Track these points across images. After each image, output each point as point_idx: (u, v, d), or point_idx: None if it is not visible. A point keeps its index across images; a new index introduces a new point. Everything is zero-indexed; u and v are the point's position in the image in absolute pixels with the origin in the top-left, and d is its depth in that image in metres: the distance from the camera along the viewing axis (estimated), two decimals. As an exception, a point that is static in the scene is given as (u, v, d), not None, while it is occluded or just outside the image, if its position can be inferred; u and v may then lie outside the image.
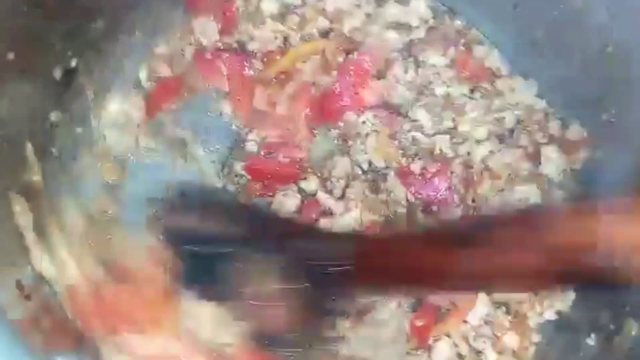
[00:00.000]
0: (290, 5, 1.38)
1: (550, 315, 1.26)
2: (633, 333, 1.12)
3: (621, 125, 1.24)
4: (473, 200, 1.31)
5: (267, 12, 1.37)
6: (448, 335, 1.24)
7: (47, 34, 1.16)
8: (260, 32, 1.37)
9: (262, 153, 1.34)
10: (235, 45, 1.38)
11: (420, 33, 1.38)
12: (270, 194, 1.30)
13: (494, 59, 1.39)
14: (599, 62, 1.25)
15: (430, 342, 1.24)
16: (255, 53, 1.37)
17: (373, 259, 1.08)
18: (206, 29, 1.36)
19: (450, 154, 1.32)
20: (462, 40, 1.40)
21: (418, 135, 1.33)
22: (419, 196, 1.30)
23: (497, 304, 1.26)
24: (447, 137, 1.33)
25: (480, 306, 1.24)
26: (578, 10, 1.24)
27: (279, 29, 1.37)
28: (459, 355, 1.23)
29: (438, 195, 1.30)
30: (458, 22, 1.41)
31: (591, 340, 1.18)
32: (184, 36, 1.37)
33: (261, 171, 1.31)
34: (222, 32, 1.37)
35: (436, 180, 1.30)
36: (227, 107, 1.36)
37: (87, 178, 1.31)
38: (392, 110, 1.35)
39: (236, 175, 1.32)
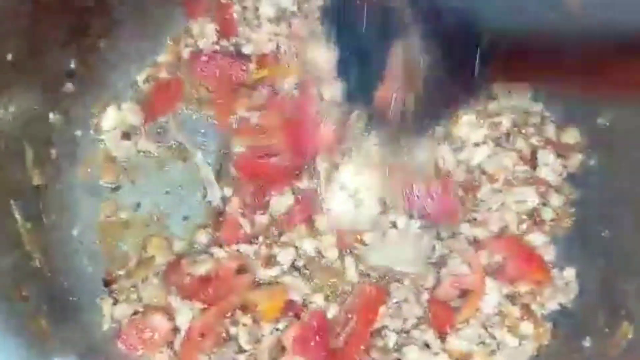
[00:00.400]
0: (286, 9, 1.39)
1: (553, 307, 1.26)
2: (629, 336, 1.13)
3: (616, 129, 1.25)
4: (473, 204, 1.31)
5: (265, 15, 1.38)
6: (468, 324, 1.24)
7: (47, 35, 1.18)
8: (257, 35, 1.38)
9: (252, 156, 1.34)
10: (231, 48, 1.39)
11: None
12: (267, 198, 1.30)
13: (489, 63, 1.39)
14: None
15: (452, 331, 1.24)
16: (250, 56, 1.37)
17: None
18: (204, 31, 1.37)
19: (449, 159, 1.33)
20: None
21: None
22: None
23: (505, 297, 1.26)
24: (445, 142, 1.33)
25: (492, 294, 1.24)
26: (575, 13, 1.24)
27: (275, 32, 1.37)
28: (482, 343, 1.23)
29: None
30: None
31: (586, 342, 1.18)
32: (182, 39, 1.39)
33: (253, 172, 1.32)
34: (220, 35, 1.38)
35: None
36: (211, 111, 1.38)
37: (85, 181, 1.33)
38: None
39: (233, 178, 1.33)
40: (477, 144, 1.32)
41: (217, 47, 1.38)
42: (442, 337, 1.23)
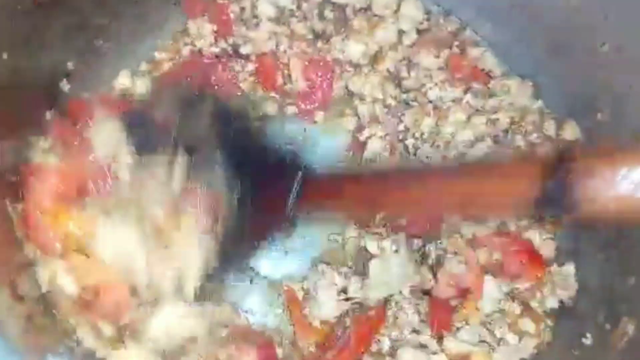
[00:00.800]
0: (285, 7, 1.39)
1: (553, 303, 1.25)
2: (629, 332, 1.11)
3: (616, 124, 1.24)
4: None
5: (264, 14, 1.38)
6: (467, 323, 1.24)
7: (44, 35, 1.18)
8: (256, 34, 1.38)
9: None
10: (229, 49, 1.39)
11: (412, 35, 1.38)
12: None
13: (488, 60, 1.39)
14: (594, 62, 1.25)
15: (451, 330, 1.23)
16: (250, 55, 1.38)
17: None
18: (202, 31, 1.37)
19: (444, 155, 1.32)
20: (456, 42, 1.40)
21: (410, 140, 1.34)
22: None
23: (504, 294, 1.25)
24: (439, 138, 1.33)
25: (491, 293, 1.23)
26: (573, 10, 1.24)
27: (275, 31, 1.38)
28: (482, 341, 1.23)
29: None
30: (452, 24, 1.41)
31: (587, 340, 1.17)
32: (180, 39, 1.39)
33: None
34: (218, 35, 1.38)
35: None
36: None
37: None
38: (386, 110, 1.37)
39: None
40: (473, 142, 1.32)
41: (215, 49, 1.39)
42: (440, 337, 1.22)
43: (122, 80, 1.35)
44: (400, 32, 1.38)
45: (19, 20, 1.12)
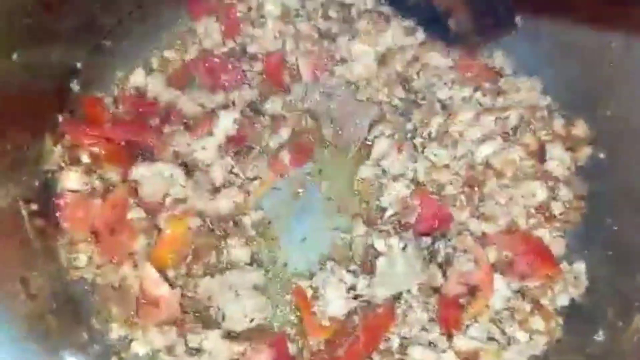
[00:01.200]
0: (291, 7, 1.39)
1: (563, 301, 1.24)
2: (642, 330, 1.11)
3: (625, 120, 1.23)
4: (480, 200, 1.30)
5: (270, 14, 1.38)
6: (477, 321, 1.23)
7: (52, 34, 1.19)
8: (263, 33, 1.38)
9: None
10: (237, 48, 1.39)
11: (420, 35, 1.38)
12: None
13: (497, 59, 1.39)
14: (602, 58, 1.24)
15: (462, 328, 1.22)
16: (257, 54, 1.38)
17: None
18: (208, 31, 1.37)
19: (452, 153, 1.32)
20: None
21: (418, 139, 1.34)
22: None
23: (514, 292, 1.24)
24: (449, 137, 1.32)
25: (501, 291, 1.22)
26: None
27: (281, 30, 1.38)
28: (492, 339, 1.22)
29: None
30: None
31: (599, 337, 1.16)
32: (188, 38, 1.39)
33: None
34: (224, 35, 1.38)
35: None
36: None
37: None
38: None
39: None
40: (483, 140, 1.31)
41: (224, 49, 1.39)
42: (449, 335, 1.22)
43: (136, 79, 1.36)
44: (408, 30, 1.38)
45: (28, 20, 1.13)
